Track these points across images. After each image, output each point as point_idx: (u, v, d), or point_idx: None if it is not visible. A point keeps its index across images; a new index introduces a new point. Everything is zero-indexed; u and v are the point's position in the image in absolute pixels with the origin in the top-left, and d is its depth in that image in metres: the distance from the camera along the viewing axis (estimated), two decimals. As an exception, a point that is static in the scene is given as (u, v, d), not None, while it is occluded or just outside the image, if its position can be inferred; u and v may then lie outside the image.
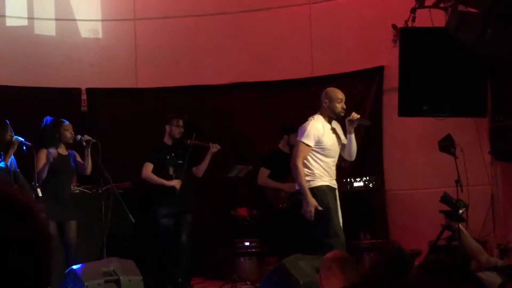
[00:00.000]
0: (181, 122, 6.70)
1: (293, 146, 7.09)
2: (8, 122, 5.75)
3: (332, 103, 5.61)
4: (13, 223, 0.83)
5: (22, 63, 7.79)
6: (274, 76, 8.02)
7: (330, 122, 5.62)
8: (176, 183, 6.50)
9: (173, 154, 6.63)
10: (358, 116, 5.65)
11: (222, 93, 8.06)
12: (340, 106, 5.59)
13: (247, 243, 7.16)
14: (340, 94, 5.68)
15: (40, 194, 5.55)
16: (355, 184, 7.36)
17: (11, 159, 5.69)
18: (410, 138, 7.52)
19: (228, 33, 8.19)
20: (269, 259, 7.09)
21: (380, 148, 7.71)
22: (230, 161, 7.27)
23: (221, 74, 8.08)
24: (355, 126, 5.67)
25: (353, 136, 5.70)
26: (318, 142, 5.50)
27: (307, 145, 5.49)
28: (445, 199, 4.89)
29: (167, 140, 6.72)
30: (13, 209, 0.84)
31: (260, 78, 8.04)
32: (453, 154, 6.75)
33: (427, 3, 6.40)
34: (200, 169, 6.78)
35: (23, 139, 5.68)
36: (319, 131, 5.53)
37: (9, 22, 7.93)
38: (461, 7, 5.69)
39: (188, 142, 6.64)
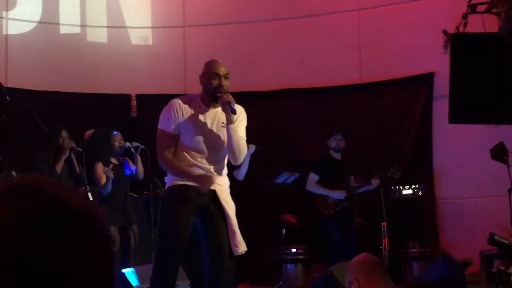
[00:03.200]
0: None
1: (340, 150, 7.06)
2: (64, 128, 5.87)
3: (204, 78, 4.23)
4: (78, 230, 0.85)
5: (74, 69, 7.97)
6: (322, 83, 8.00)
7: (209, 105, 4.23)
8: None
9: None
10: (231, 98, 4.19)
11: (270, 99, 8.08)
12: (216, 83, 4.15)
13: (294, 250, 7.14)
14: (218, 66, 4.23)
15: (91, 198, 5.65)
16: (404, 192, 7.28)
17: None
18: (461, 146, 7.39)
19: (276, 39, 8.21)
20: (316, 266, 7.05)
21: (430, 155, 7.60)
22: (277, 167, 7.27)
23: (269, 80, 8.10)
24: (230, 113, 4.14)
25: (231, 128, 4.14)
26: (178, 127, 4.18)
27: (163, 130, 4.20)
28: (494, 242, 4.21)
29: None
30: (77, 216, 0.86)
31: (308, 84, 8.03)
32: (506, 162, 6.61)
33: (479, 9, 6.28)
34: (240, 172, 6.71)
35: (73, 145, 5.82)
36: (172, 111, 4.19)
37: (63, 30, 8.13)
38: (514, 12, 5.57)
39: None
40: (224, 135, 4.21)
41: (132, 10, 8.36)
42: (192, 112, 4.20)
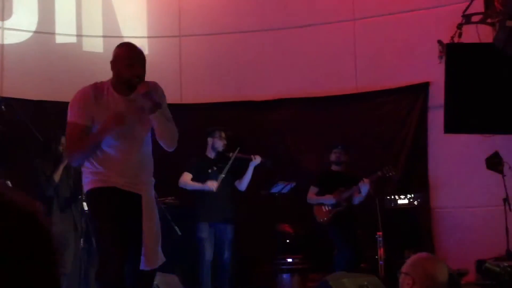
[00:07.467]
0: (224, 135, 6.68)
1: (340, 163, 7.07)
2: (63, 135, 5.87)
3: (116, 65, 3.84)
4: (14, 227, 0.86)
5: (70, 79, 7.94)
6: (318, 92, 8.01)
7: (123, 93, 3.79)
8: (210, 184, 6.45)
9: (215, 168, 6.60)
10: (150, 87, 3.72)
11: (266, 109, 8.09)
12: (129, 73, 3.75)
13: (290, 260, 7.13)
14: (131, 52, 3.84)
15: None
16: (400, 202, 7.28)
17: None
18: (456, 155, 7.41)
19: (272, 50, 8.23)
20: (312, 276, 7.04)
21: (426, 165, 7.61)
22: (273, 177, 7.27)
23: (266, 90, 8.12)
24: (153, 104, 3.69)
25: (158, 114, 3.73)
26: (91, 118, 3.69)
27: (75, 122, 3.69)
28: (486, 270, 3.89)
29: (209, 153, 6.70)
30: (12, 213, 0.87)
31: (304, 94, 8.05)
32: (501, 172, 6.62)
33: (474, 19, 6.32)
34: (243, 183, 6.71)
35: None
36: (84, 100, 3.75)
37: (59, 39, 8.13)
38: (509, 22, 5.60)
39: (230, 155, 6.61)
40: (144, 125, 3.77)
41: (128, 19, 8.38)
42: (106, 102, 3.72)
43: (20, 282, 0.83)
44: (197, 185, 6.52)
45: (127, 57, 3.78)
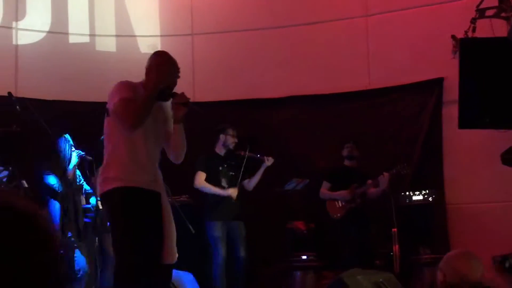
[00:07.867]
0: (236, 133, 6.68)
1: (353, 158, 7.05)
2: (68, 136, 5.90)
3: (152, 73, 3.98)
4: (13, 230, 0.88)
5: (84, 78, 8.00)
6: (331, 89, 7.99)
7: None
8: (232, 191, 6.47)
9: (225, 165, 6.59)
10: (187, 98, 3.86)
11: (278, 107, 8.08)
12: (166, 82, 3.91)
13: (304, 257, 7.12)
14: (173, 65, 4.05)
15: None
16: (414, 198, 7.24)
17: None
18: (471, 151, 7.36)
19: (284, 47, 8.22)
20: (326, 273, 7.02)
21: (440, 161, 7.57)
22: (286, 174, 7.26)
23: (278, 87, 8.10)
24: (184, 112, 3.90)
25: (180, 127, 3.95)
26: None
27: (124, 97, 3.80)
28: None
29: (219, 150, 6.66)
30: (12, 216, 0.89)
31: (316, 91, 8.03)
32: (517, 167, 6.57)
33: (488, 13, 6.26)
34: (252, 183, 6.71)
35: (83, 154, 5.82)
36: (130, 84, 3.93)
37: (72, 39, 8.17)
38: (523, 16, 5.55)
39: (242, 153, 6.59)
40: (167, 132, 3.95)
41: (141, 18, 8.40)
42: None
43: (18, 282, 0.84)
44: (217, 191, 6.50)
45: (171, 70, 4.00)
